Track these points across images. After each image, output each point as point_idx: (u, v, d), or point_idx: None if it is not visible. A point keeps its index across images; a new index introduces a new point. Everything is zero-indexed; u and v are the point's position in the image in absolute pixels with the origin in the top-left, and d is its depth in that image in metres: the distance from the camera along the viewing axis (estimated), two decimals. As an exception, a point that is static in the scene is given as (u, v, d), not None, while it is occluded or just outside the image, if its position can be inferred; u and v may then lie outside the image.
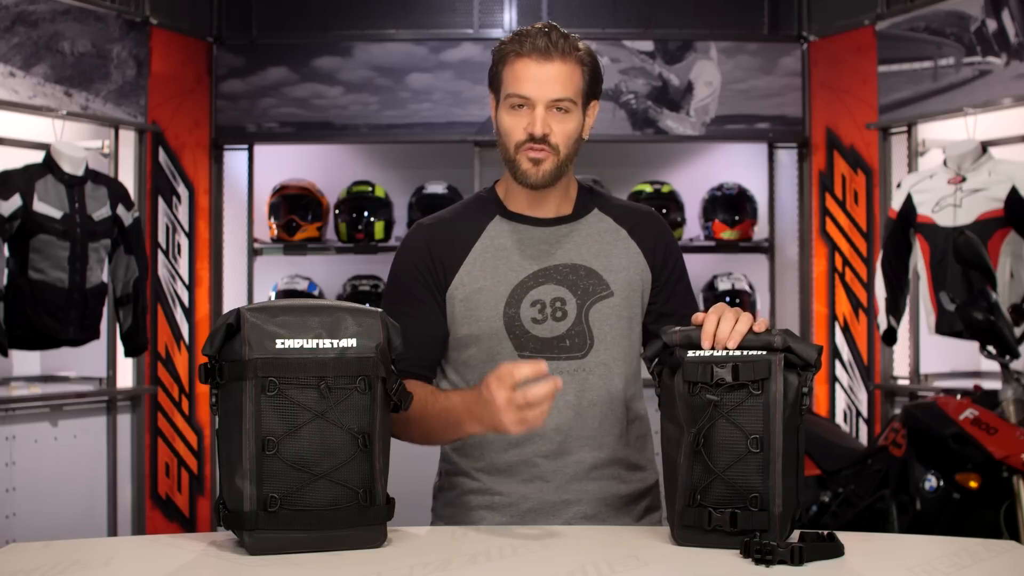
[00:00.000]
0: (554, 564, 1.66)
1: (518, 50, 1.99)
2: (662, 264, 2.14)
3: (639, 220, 2.15)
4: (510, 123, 2.01)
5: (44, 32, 4.62)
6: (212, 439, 5.33)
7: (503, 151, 2.03)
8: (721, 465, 1.69)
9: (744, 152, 5.80)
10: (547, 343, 2.02)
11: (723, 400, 1.69)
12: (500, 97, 2.03)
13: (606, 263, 2.08)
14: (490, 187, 2.15)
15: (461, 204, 2.17)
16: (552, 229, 2.08)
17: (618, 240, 2.11)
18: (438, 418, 1.93)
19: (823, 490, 4.09)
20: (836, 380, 5.42)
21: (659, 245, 2.15)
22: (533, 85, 1.98)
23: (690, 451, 1.71)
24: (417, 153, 5.78)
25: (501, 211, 2.09)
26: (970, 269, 3.87)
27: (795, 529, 1.73)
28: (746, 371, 1.69)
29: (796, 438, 1.71)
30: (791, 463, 1.70)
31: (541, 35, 1.99)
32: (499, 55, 2.04)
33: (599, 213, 2.13)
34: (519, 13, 5.59)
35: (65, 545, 1.75)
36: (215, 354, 1.71)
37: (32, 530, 4.44)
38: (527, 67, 1.98)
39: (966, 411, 3.57)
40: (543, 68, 1.98)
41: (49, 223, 4.37)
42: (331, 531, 1.70)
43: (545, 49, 1.97)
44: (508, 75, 2.01)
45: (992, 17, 4.52)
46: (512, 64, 2.00)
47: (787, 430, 1.69)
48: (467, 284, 2.04)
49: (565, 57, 1.98)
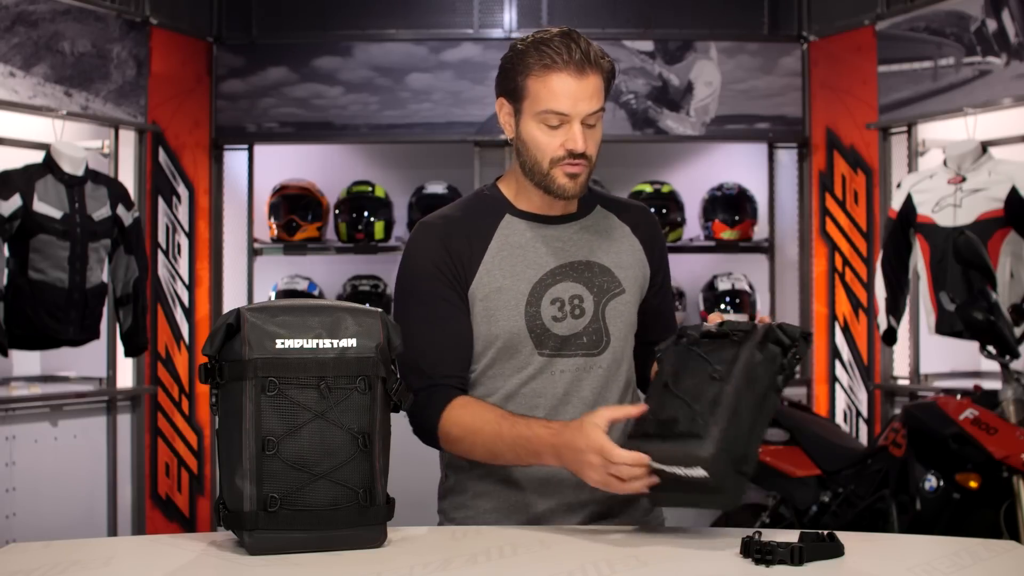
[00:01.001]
0: (554, 564, 1.66)
1: (550, 64, 1.93)
2: (658, 262, 2.16)
3: (639, 218, 2.16)
4: (545, 140, 1.97)
5: (44, 32, 4.62)
6: (212, 439, 5.33)
7: (535, 164, 1.99)
8: (679, 392, 1.75)
9: (744, 152, 5.80)
10: (566, 340, 2.02)
11: (704, 349, 1.79)
12: (524, 108, 1.98)
13: (616, 259, 2.08)
14: (491, 185, 2.13)
15: (463, 202, 2.13)
16: (564, 226, 2.08)
17: (624, 236, 2.12)
18: (514, 445, 1.90)
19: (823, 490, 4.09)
20: (836, 380, 5.42)
21: (656, 243, 2.17)
22: (572, 102, 1.94)
23: (659, 385, 1.80)
24: (417, 153, 5.78)
25: (510, 209, 2.07)
26: (970, 269, 3.86)
27: (745, 484, 1.74)
28: (730, 325, 1.80)
29: (761, 402, 1.76)
30: (745, 416, 1.73)
31: (571, 46, 1.93)
32: (520, 65, 1.96)
33: (602, 210, 2.13)
34: (519, 13, 5.59)
35: (65, 545, 1.75)
36: (215, 354, 1.71)
37: (32, 530, 4.44)
38: (564, 83, 1.93)
39: (966, 411, 3.56)
40: (581, 84, 1.93)
41: (49, 223, 4.37)
42: (331, 531, 1.70)
43: (580, 63, 1.93)
44: (540, 89, 1.94)
45: (992, 17, 4.52)
46: (544, 77, 1.94)
47: (749, 386, 1.74)
48: (487, 284, 2.01)
49: (596, 71, 1.95)
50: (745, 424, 1.72)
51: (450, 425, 1.96)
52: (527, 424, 1.90)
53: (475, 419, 1.94)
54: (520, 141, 2.01)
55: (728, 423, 1.69)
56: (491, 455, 1.96)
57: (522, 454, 1.90)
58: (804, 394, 5.56)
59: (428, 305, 2.01)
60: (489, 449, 1.94)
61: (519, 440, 1.89)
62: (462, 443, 1.97)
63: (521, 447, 1.89)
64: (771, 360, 1.77)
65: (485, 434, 1.92)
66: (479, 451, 1.96)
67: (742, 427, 1.71)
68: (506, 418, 1.92)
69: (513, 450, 1.91)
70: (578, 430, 1.79)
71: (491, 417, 1.93)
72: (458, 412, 1.96)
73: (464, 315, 2.02)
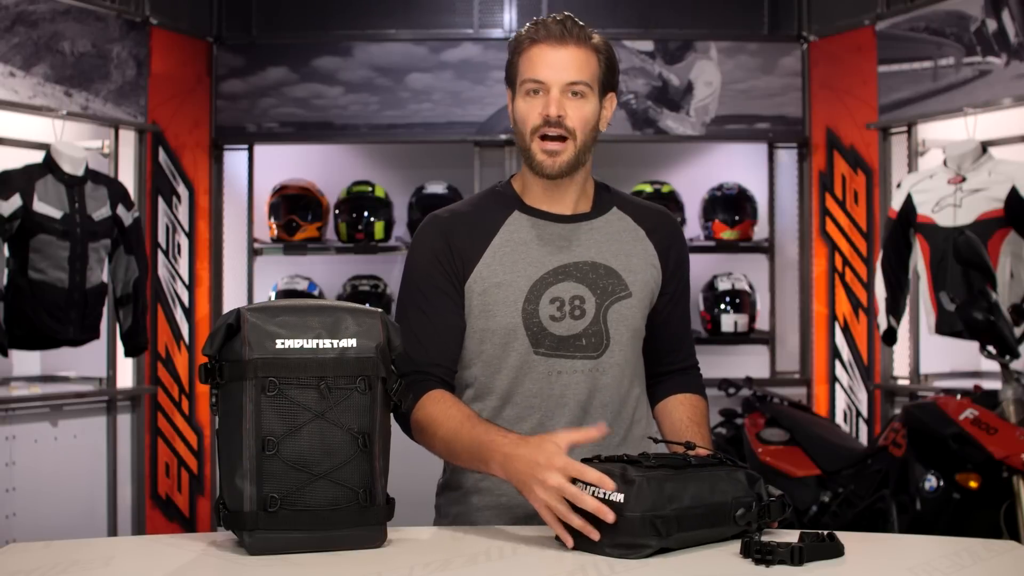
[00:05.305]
0: (554, 564, 1.66)
1: (533, 37, 1.99)
2: (673, 271, 2.14)
3: (658, 222, 2.14)
4: (525, 108, 2.00)
5: (44, 32, 4.62)
6: (212, 439, 5.33)
7: (519, 139, 2.02)
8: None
9: (744, 152, 5.80)
10: (563, 341, 2.01)
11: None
12: (516, 87, 2.02)
13: (625, 262, 2.06)
14: (506, 182, 2.13)
15: (476, 197, 2.14)
16: (572, 225, 2.06)
17: (637, 240, 2.10)
18: (468, 446, 1.89)
19: (823, 490, 4.10)
20: (836, 380, 5.42)
21: (673, 251, 2.14)
22: (548, 69, 1.97)
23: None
24: (417, 153, 5.78)
25: (519, 206, 2.07)
26: (970, 269, 3.86)
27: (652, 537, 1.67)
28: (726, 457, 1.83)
29: (708, 500, 1.73)
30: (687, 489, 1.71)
31: (556, 23, 1.99)
32: (515, 46, 2.03)
33: (618, 211, 2.12)
34: (519, 13, 5.59)
35: (65, 545, 1.75)
36: (215, 354, 1.71)
37: (32, 530, 4.44)
38: (542, 52, 1.98)
39: (966, 411, 3.57)
40: (557, 52, 1.97)
41: (49, 223, 4.37)
42: (331, 531, 1.69)
43: (560, 35, 1.98)
44: (524, 63, 2.00)
45: (992, 17, 4.52)
46: (527, 52, 2.00)
47: (710, 482, 1.74)
48: (486, 278, 2.01)
49: (580, 43, 1.99)
50: (681, 495, 1.68)
51: (420, 416, 1.97)
52: (486, 429, 1.88)
53: (441, 414, 1.94)
54: (512, 120, 2.04)
55: (669, 478, 1.68)
56: (448, 453, 1.96)
57: (474, 457, 1.88)
58: (804, 394, 5.56)
59: (423, 294, 2.03)
60: (446, 446, 1.94)
61: (474, 443, 1.87)
62: (425, 435, 1.97)
63: (474, 450, 1.87)
64: (739, 488, 1.74)
65: (446, 430, 1.91)
66: (438, 446, 1.96)
67: (677, 492, 1.67)
68: (469, 419, 1.91)
69: (467, 451, 1.89)
70: (537, 446, 1.76)
71: (456, 415, 1.92)
72: (430, 404, 1.96)
73: (458, 308, 2.02)
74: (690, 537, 1.69)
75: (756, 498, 1.75)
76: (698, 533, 1.70)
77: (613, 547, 1.66)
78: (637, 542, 1.64)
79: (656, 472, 1.67)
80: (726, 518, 1.72)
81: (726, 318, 5.50)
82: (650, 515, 1.64)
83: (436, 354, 2.01)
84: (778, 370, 5.68)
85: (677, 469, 1.70)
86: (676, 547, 1.68)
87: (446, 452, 1.97)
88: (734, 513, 1.72)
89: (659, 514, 1.64)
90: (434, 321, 2.01)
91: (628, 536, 1.64)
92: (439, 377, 2.02)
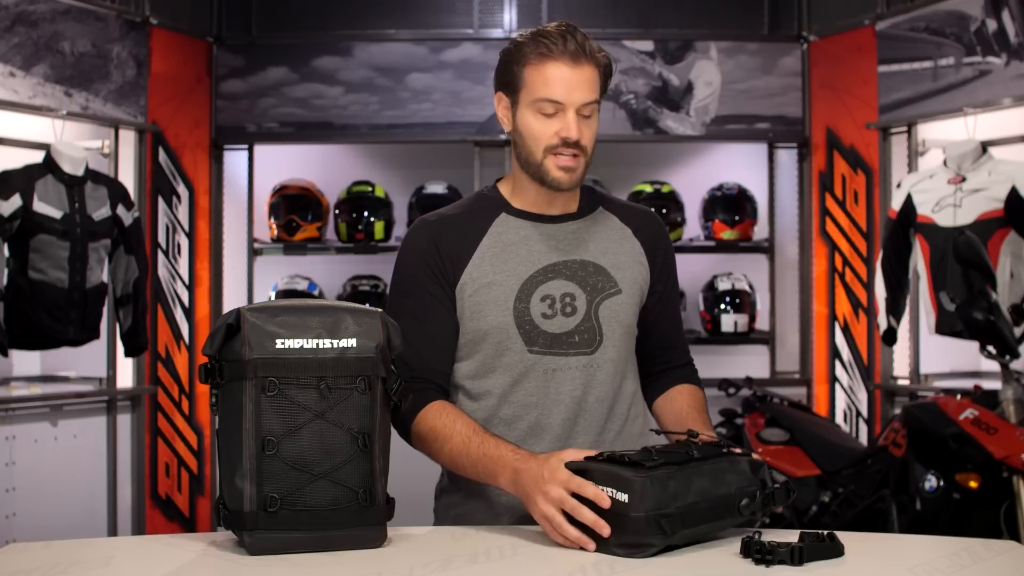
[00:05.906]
0: (554, 564, 1.66)
1: (546, 53, 1.97)
2: (660, 269, 2.15)
3: (643, 222, 2.16)
4: (539, 128, 1.99)
5: (44, 32, 4.62)
6: (212, 439, 5.33)
7: (529, 154, 2.02)
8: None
9: (744, 152, 5.80)
10: (556, 339, 2.02)
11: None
12: (520, 99, 2.01)
13: (614, 260, 2.08)
14: (491, 186, 2.14)
15: (463, 201, 2.16)
16: (560, 226, 2.08)
17: (624, 239, 2.12)
18: (477, 461, 1.92)
19: (823, 490, 4.10)
20: (836, 380, 5.42)
21: (660, 250, 2.16)
22: (566, 90, 1.96)
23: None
24: (417, 153, 5.78)
25: (507, 208, 2.09)
26: (970, 269, 3.86)
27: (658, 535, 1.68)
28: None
29: (715, 494, 1.75)
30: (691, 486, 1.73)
31: (567, 38, 1.97)
32: (518, 55, 2.00)
33: (604, 211, 2.14)
34: (519, 13, 5.59)
35: (65, 545, 1.75)
36: (215, 354, 1.71)
37: (32, 530, 4.44)
38: (559, 71, 1.96)
39: (966, 411, 3.57)
40: (575, 73, 1.97)
41: (49, 223, 4.37)
42: (331, 531, 1.70)
43: (576, 53, 1.96)
44: (535, 78, 1.98)
45: (992, 17, 4.52)
46: (539, 67, 1.97)
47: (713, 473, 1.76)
48: (476, 279, 2.02)
49: (591, 62, 1.99)
50: (685, 492, 1.68)
51: (423, 428, 1.99)
52: (495, 444, 1.91)
53: (446, 428, 1.96)
54: (516, 132, 2.04)
55: (672, 476, 1.68)
56: (453, 465, 1.98)
57: (482, 472, 1.91)
58: (804, 394, 5.56)
59: (414, 299, 2.04)
60: (453, 459, 1.96)
61: (484, 458, 1.90)
62: (429, 447, 2.00)
63: (483, 465, 1.90)
64: (743, 478, 1.75)
65: (452, 445, 1.94)
66: (443, 458, 1.99)
67: (681, 489, 1.68)
68: (477, 434, 1.94)
69: (475, 466, 1.92)
70: (544, 461, 1.79)
71: (462, 429, 1.94)
72: (432, 417, 1.98)
73: (450, 312, 2.03)
74: (695, 532, 1.70)
75: (760, 485, 1.76)
76: (703, 527, 1.71)
77: (619, 546, 1.67)
78: (642, 541, 1.66)
79: (659, 471, 1.68)
80: (731, 509, 1.73)
81: (726, 318, 5.50)
82: (655, 514, 1.65)
83: (432, 360, 2.03)
84: (778, 370, 5.68)
85: (680, 465, 1.71)
86: (682, 543, 1.69)
87: (451, 465, 1.99)
88: (739, 503, 1.73)
89: (664, 512, 1.65)
90: (427, 327, 2.02)
91: (633, 535, 1.66)
92: (436, 384, 2.04)
